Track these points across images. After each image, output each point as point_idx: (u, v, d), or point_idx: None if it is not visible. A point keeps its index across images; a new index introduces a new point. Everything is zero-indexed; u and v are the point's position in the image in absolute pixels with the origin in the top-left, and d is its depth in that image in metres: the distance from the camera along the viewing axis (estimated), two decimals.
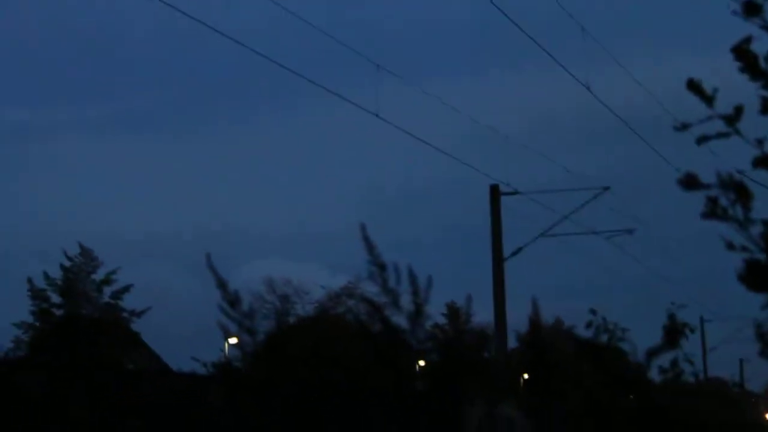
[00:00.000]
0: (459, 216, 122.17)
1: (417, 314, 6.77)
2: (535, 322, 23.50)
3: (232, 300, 7.53)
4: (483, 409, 15.08)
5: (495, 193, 37.00)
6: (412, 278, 6.75)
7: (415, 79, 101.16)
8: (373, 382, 12.12)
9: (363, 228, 6.62)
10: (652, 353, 5.10)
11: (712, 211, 4.54)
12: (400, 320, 7.03)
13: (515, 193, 37.52)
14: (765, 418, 59.41)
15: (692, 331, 11.60)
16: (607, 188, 38.65)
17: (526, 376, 31.12)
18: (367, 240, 6.69)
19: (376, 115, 30.49)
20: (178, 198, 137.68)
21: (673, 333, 4.60)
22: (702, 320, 67.46)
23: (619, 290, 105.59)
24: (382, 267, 6.68)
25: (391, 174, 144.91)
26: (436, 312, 59.97)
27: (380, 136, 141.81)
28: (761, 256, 4.56)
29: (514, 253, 37.29)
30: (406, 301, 6.83)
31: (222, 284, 7.52)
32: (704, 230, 4.92)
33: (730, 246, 4.52)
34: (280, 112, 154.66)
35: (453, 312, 62.16)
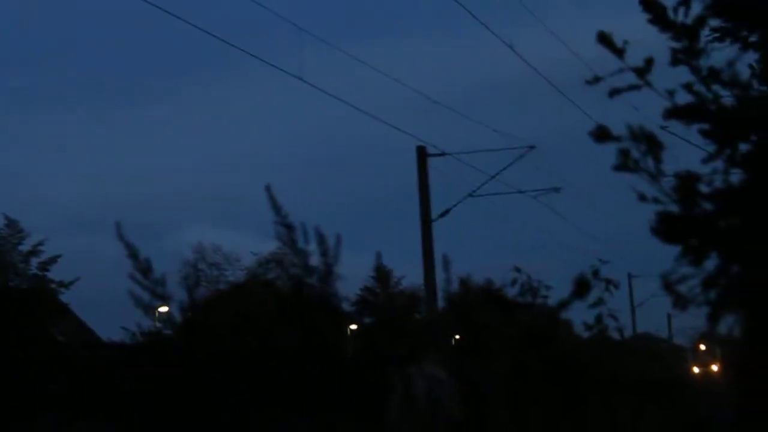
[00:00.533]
0: (389, 179, 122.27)
1: (327, 273, 6.73)
2: (463, 282, 23.56)
3: (144, 268, 7.46)
4: (411, 370, 15.12)
5: (422, 154, 37.00)
6: (321, 238, 6.70)
7: (341, 42, 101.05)
8: (297, 346, 12.13)
9: (269, 189, 6.56)
10: (562, 305, 5.11)
11: (624, 164, 4.54)
12: (312, 281, 7.01)
13: (442, 154, 37.58)
14: (692, 371, 60.31)
15: (616, 286, 11.64)
16: (532, 147, 38.87)
17: (457, 336, 31.23)
18: (273, 201, 6.63)
19: (300, 79, 30.36)
20: (111, 168, 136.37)
21: (582, 285, 4.59)
22: (630, 276, 68.18)
23: (549, 249, 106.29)
24: (290, 227, 6.63)
25: (321, 139, 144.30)
26: (365, 275, 60.03)
27: (306, 101, 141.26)
28: (673, 208, 4.57)
29: (442, 215, 37.37)
30: (317, 261, 6.81)
31: (133, 253, 7.44)
32: (631, 187, 4.91)
33: (642, 198, 4.52)
34: (208, 80, 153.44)
35: (382, 274, 62.24)
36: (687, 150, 5.70)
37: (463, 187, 39.24)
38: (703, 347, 59.81)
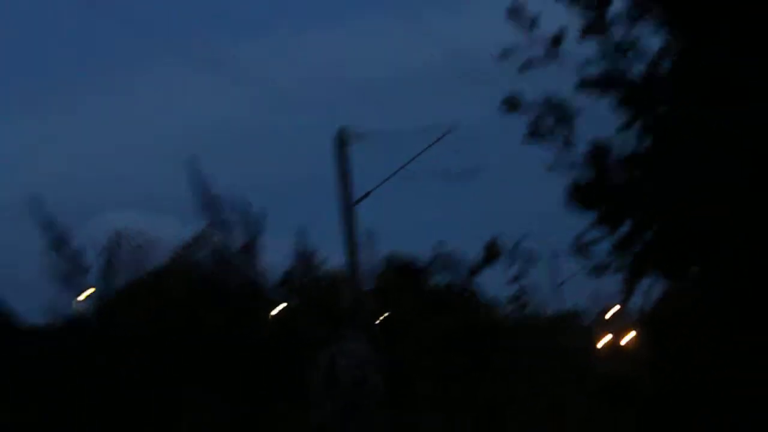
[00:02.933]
0: (311, 163, 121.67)
1: (250, 244, 6.75)
2: (386, 263, 23.65)
3: (59, 241, 7.44)
4: (333, 348, 15.19)
5: (341, 137, 37.07)
6: (245, 207, 6.68)
7: (268, 31, 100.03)
8: (218, 329, 12.12)
9: (193, 161, 6.55)
10: (474, 270, 5.22)
11: (536, 131, 4.64)
12: (234, 254, 7.02)
13: (362, 136, 37.58)
14: (600, 339, 61.28)
15: (536, 260, 11.86)
16: (452, 129, 38.97)
17: (383, 316, 31.37)
18: (197, 173, 6.62)
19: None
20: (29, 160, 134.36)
21: (492, 249, 4.71)
22: (554, 256, 68.36)
23: (471, 230, 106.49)
24: (214, 198, 6.62)
25: (240, 126, 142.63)
26: (287, 258, 59.92)
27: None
28: (585, 177, 4.67)
29: (362, 198, 37.40)
30: (240, 232, 6.81)
31: (48, 225, 7.42)
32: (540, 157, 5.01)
33: (551, 168, 4.62)
34: (125, 70, 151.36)
35: (307, 256, 61.95)
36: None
37: (383, 168, 39.30)
38: (614, 312, 59.96)
